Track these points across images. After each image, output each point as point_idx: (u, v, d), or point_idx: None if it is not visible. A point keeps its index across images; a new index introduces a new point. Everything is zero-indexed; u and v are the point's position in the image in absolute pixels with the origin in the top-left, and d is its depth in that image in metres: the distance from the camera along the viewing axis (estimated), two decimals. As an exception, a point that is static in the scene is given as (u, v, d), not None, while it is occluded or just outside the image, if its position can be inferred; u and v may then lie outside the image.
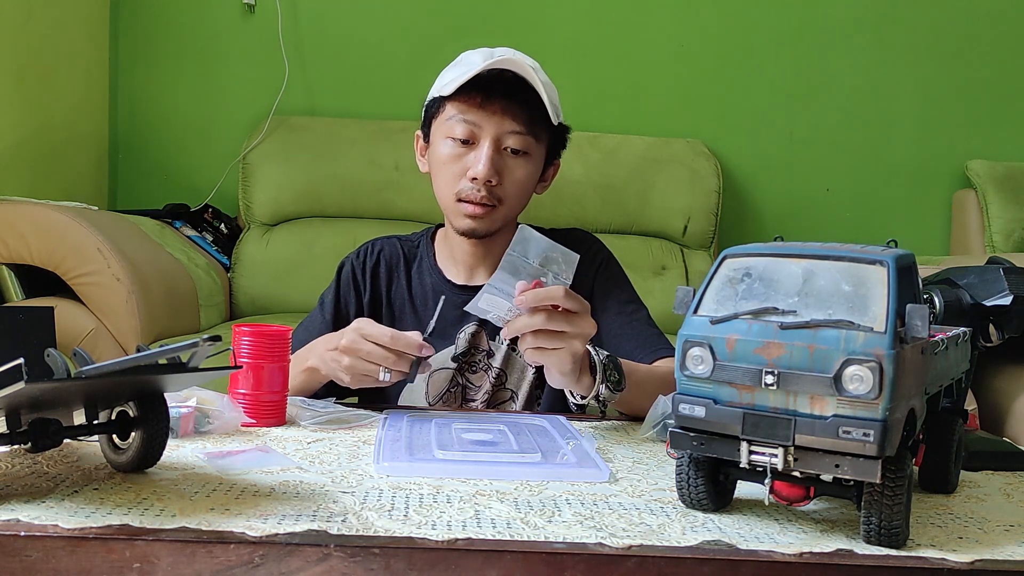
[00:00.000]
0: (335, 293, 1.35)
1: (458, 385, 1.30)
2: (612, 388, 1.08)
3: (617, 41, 2.94)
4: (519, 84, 1.21)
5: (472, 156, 1.24)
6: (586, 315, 1.04)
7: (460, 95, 1.22)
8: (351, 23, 2.88)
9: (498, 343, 1.30)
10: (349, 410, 1.08)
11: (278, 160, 2.68)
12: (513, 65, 1.21)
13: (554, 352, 1.03)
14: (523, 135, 1.23)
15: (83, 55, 2.68)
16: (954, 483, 0.86)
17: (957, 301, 0.94)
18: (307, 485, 0.77)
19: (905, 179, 3.03)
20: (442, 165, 1.27)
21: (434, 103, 1.28)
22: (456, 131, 1.23)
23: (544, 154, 1.30)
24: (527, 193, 1.30)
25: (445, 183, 1.27)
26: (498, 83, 1.21)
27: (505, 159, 1.25)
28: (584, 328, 1.03)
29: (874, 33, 2.99)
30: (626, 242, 2.65)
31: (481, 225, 1.26)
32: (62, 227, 1.99)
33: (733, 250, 0.74)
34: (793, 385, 0.66)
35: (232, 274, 2.61)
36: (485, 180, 1.23)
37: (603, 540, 0.65)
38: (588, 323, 1.04)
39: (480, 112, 1.22)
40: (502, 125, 1.22)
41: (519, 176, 1.26)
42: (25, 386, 0.62)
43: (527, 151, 1.25)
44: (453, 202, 1.26)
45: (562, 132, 1.33)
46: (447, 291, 1.32)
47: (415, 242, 1.40)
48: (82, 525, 0.63)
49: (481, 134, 1.23)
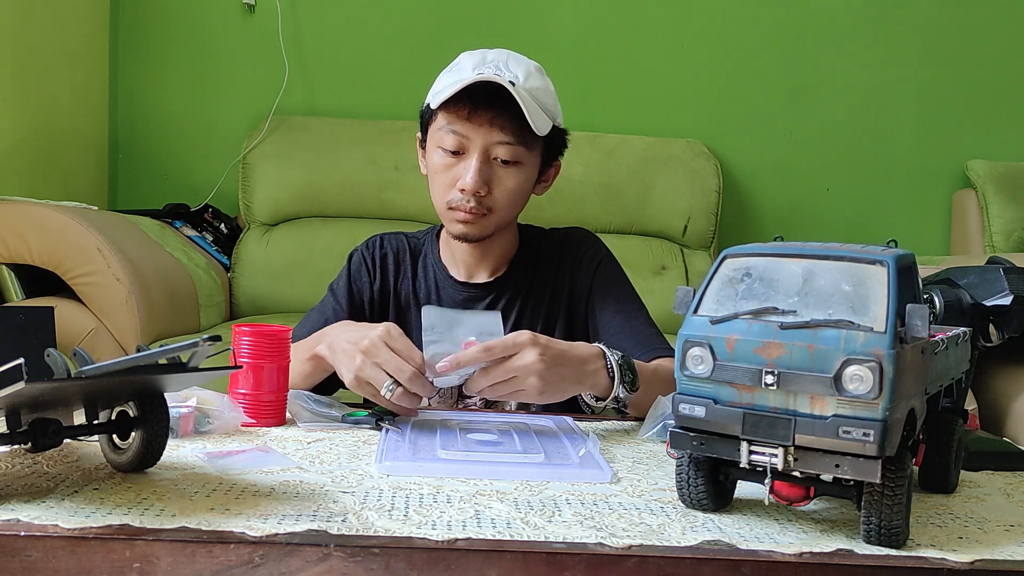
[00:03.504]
0: (347, 281, 1.35)
1: None
2: (628, 388, 1.07)
3: (617, 41, 2.94)
4: (507, 94, 1.20)
5: (462, 166, 1.23)
6: (520, 349, 1.00)
7: (449, 106, 1.22)
8: (351, 23, 2.88)
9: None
10: (349, 410, 1.08)
11: (278, 160, 2.69)
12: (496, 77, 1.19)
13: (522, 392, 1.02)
14: (512, 145, 1.23)
15: (83, 55, 2.68)
16: (954, 483, 0.86)
17: (957, 301, 0.94)
18: (307, 485, 0.77)
19: (905, 179, 3.03)
20: (434, 174, 1.28)
21: (427, 111, 1.29)
22: (446, 142, 1.23)
23: (539, 159, 1.30)
24: (520, 200, 1.30)
25: (437, 192, 1.28)
26: (485, 94, 1.20)
27: (495, 169, 1.24)
28: (524, 359, 1.00)
29: (874, 33, 2.99)
30: (626, 242, 2.65)
31: (473, 231, 1.27)
32: (62, 227, 1.99)
33: (733, 250, 0.74)
34: (793, 385, 0.66)
35: (232, 274, 2.61)
36: (473, 192, 1.23)
37: (603, 540, 0.65)
38: (526, 357, 1.00)
39: (468, 124, 1.22)
40: (490, 136, 1.22)
41: (509, 185, 1.25)
42: (25, 386, 0.62)
43: (518, 160, 1.25)
44: (445, 209, 1.28)
45: (560, 135, 1.32)
46: (450, 287, 1.34)
47: (420, 239, 1.41)
48: (82, 525, 0.63)
49: (470, 146, 1.23)
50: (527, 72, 1.23)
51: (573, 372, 1.05)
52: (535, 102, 1.22)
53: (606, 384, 1.07)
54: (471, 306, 1.33)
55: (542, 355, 1.00)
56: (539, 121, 1.22)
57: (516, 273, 1.36)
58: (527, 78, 1.22)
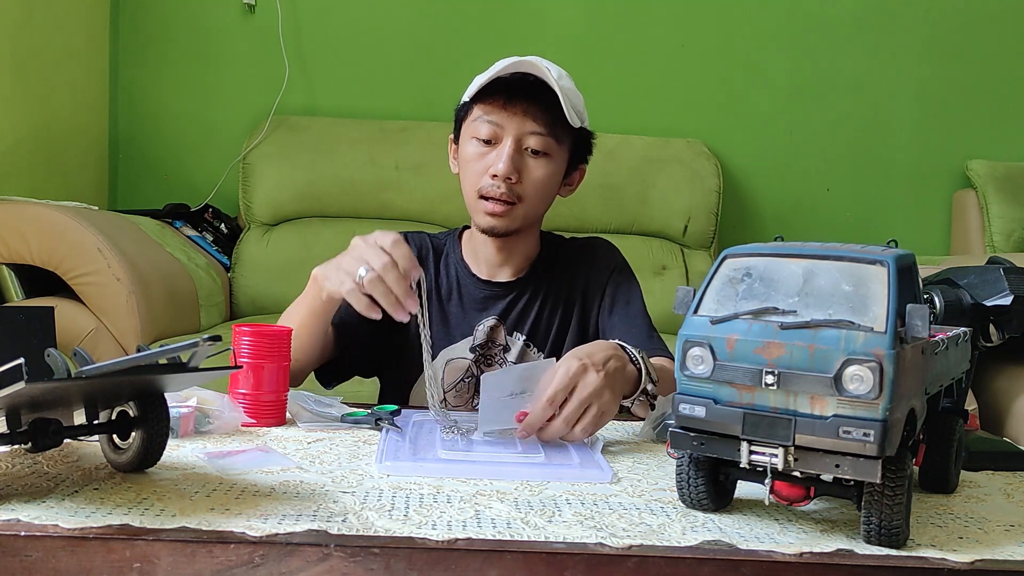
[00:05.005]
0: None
1: (472, 376, 1.33)
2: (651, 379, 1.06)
3: (617, 41, 2.94)
4: (540, 87, 1.25)
5: (494, 155, 1.28)
6: (577, 379, 0.96)
7: (484, 98, 1.28)
8: (351, 23, 2.88)
9: (515, 338, 1.35)
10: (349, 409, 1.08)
11: (278, 160, 2.68)
12: (532, 68, 1.25)
13: (604, 416, 0.97)
14: (543, 136, 1.27)
15: (83, 55, 2.68)
16: (954, 483, 0.86)
17: (957, 301, 0.94)
18: (307, 485, 0.77)
19: (905, 179, 3.03)
20: (467, 163, 1.31)
21: (463, 107, 1.33)
22: (481, 131, 1.28)
23: (567, 156, 1.33)
24: (548, 193, 1.33)
25: (469, 181, 1.31)
26: (520, 86, 1.26)
27: (526, 159, 1.28)
28: (588, 384, 0.95)
29: (874, 33, 2.99)
30: (626, 242, 2.62)
31: (501, 223, 1.30)
32: (62, 227, 1.98)
33: (733, 250, 0.74)
34: (793, 385, 0.66)
35: (232, 274, 2.61)
36: (505, 176, 1.26)
37: (603, 540, 0.65)
38: (588, 380, 0.96)
39: (502, 113, 1.27)
40: (523, 126, 1.26)
41: (538, 176, 1.29)
42: (25, 386, 0.62)
43: (548, 152, 1.28)
44: (475, 199, 1.30)
45: (587, 137, 1.36)
46: (471, 284, 1.37)
47: (442, 239, 1.45)
48: (82, 525, 0.64)
49: (503, 134, 1.27)
50: (560, 73, 1.28)
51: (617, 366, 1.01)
52: (567, 99, 1.26)
53: (634, 376, 1.04)
54: (491, 303, 1.35)
55: (596, 369, 0.97)
56: (570, 113, 1.26)
57: (536, 274, 1.39)
58: (560, 77, 1.27)
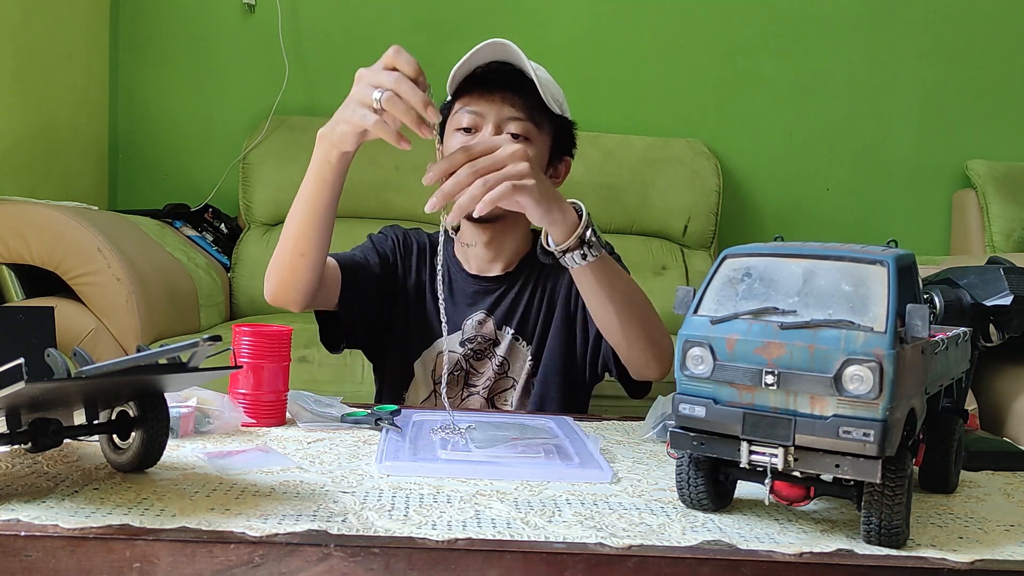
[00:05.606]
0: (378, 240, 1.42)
1: (462, 370, 1.35)
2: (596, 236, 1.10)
3: (617, 41, 2.94)
4: (517, 75, 1.27)
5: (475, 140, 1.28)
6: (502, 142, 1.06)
7: (463, 92, 1.30)
8: (351, 23, 2.88)
9: (504, 332, 1.35)
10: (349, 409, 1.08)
11: (278, 160, 2.68)
12: (506, 54, 1.26)
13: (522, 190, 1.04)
14: (522, 121, 1.28)
15: (83, 55, 2.68)
16: (954, 483, 0.86)
17: (957, 301, 0.94)
18: (307, 485, 0.77)
19: (905, 179, 3.02)
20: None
21: (444, 107, 1.35)
22: (463, 121, 1.30)
23: (548, 143, 1.34)
24: None
25: None
26: (496, 75, 1.28)
27: None
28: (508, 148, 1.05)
29: (874, 33, 2.99)
30: (626, 242, 2.65)
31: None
32: (62, 227, 1.98)
33: (733, 250, 0.74)
34: (793, 385, 0.66)
35: (232, 274, 2.61)
36: None
37: (603, 540, 0.65)
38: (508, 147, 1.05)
39: (481, 101, 1.29)
40: (502, 111, 1.28)
41: None
42: (25, 386, 0.62)
43: (527, 136, 1.29)
44: None
45: (568, 127, 1.37)
46: (462, 279, 1.38)
47: (435, 235, 1.45)
48: (82, 525, 0.64)
49: (483, 122, 1.29)
50: (535, 66, 1.29)
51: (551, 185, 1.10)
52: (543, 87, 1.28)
53: (574, 220, 1.10)
54: (480, 298, 1.37)
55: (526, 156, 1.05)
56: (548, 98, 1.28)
57: (524, 270, 1.39)
58: (536, 68, 1.28)
